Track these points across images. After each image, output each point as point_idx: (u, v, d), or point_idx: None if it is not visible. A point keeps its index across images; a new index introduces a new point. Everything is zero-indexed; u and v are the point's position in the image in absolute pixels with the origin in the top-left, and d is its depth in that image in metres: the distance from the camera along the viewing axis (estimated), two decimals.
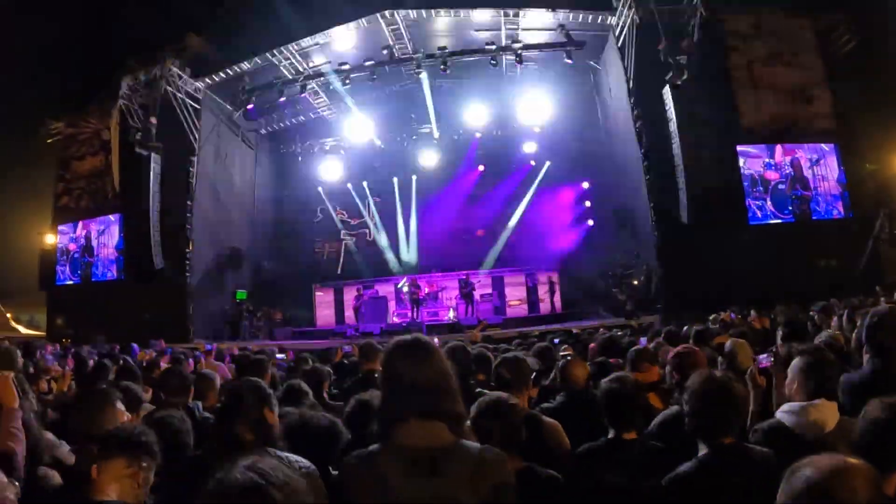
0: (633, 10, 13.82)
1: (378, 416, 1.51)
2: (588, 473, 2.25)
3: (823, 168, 13.59)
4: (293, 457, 1.63)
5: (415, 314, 14.91)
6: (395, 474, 1.40)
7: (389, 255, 16.94)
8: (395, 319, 15.28)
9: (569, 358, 3.59)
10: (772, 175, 13.54)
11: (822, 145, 13.66)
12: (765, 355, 2.72)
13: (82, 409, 2.38)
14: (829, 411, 2.13)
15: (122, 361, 5.87)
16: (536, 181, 16.45)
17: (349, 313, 15.94)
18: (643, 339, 6.04)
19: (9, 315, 23.09)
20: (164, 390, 3.30)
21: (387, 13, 14.20)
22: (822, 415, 2.12)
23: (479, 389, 2.95)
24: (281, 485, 1.01)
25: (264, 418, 1.90)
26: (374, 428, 1.51)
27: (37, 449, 2.25)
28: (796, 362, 2.27)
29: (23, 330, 22.57)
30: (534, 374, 3.35)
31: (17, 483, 1.88)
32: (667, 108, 14.76)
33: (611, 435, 2.35)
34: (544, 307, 15.64)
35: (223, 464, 1.07)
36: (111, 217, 17.14)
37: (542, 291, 15.52)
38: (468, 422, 1.80)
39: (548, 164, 16.27)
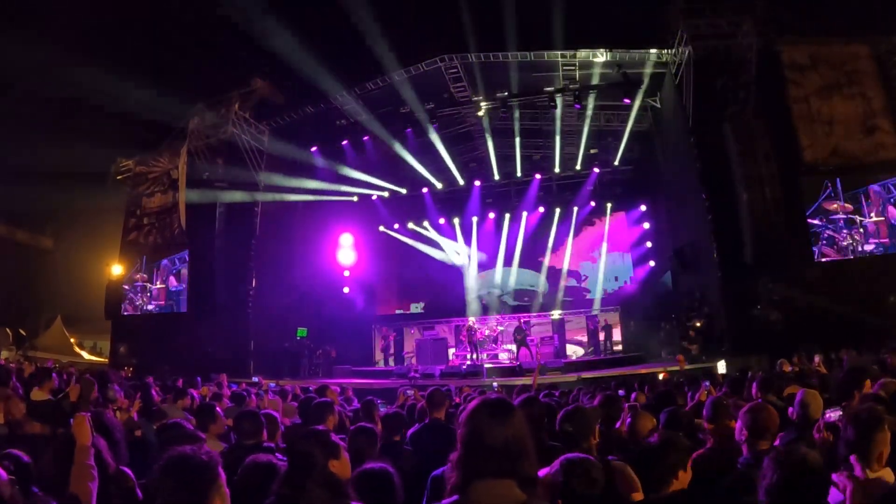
0: (689, 46, 13.72)
1: (455, 471, 1.56)
2: None
3: None
4: None
5: (474, 356, 14.82)
6: None
7: (449, 298, 16.95)
8: (455, 361, 15.20)
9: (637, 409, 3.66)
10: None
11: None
12: (833, 409, 2.70)
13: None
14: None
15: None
16: (595, 221, 16.31)
17: (408, 353, 15.97)
18: (706, 382, 5.98)
19: (73, 340, 23.84)
20: (238, 430, 3.39)
21: (446, 57, 14.57)
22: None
23: (552, 443, 2.96)
24: None
25: (332, 474, 1.94)
26: (451, 480, 1.57)
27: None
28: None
29: (86, 356, 23.28)
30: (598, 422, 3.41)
31: None
32: (727, 143, 14.51)
33: None
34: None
35: None
36: (178, 252, 17.75)
37: (602, 335, 15.23)
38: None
39: (609, 204, 16.12)
